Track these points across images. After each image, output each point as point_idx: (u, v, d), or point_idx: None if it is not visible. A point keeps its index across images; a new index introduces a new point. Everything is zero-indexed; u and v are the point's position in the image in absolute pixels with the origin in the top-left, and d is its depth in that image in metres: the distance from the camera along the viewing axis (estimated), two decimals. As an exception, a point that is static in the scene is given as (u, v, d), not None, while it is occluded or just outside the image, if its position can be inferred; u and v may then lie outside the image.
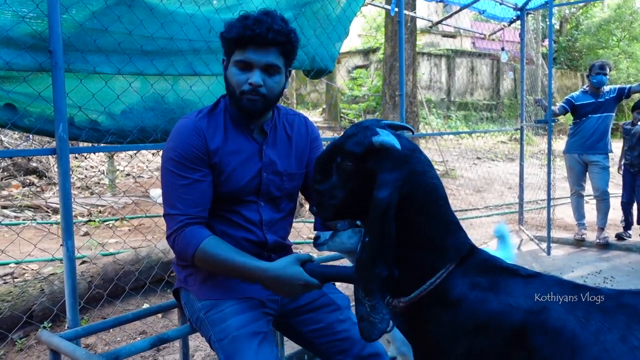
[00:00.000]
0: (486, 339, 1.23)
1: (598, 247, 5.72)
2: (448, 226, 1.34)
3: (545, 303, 1.20)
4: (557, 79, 20.08)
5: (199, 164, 1.74)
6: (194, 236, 1.70)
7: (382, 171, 1.30)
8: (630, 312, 1.14)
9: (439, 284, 1.30)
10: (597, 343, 1.12)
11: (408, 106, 9.94)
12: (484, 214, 7.69)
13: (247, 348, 1.66)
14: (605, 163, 5.69)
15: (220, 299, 1.79)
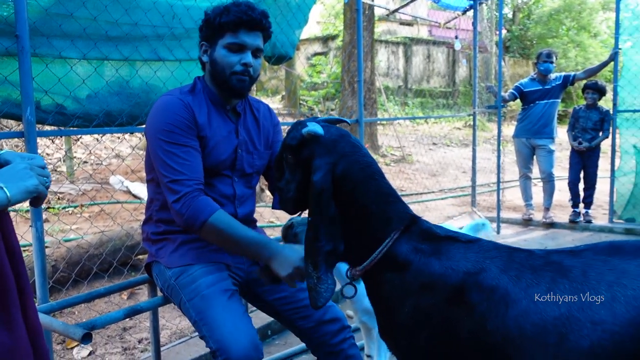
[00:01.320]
0: (430, 297, 1.39)
1: (544, 226, 6.06)
2: (387, 198, 1.51)
3: (483, 264, 1.37)
4: (509, 67, 20.66)
5: (191, 133, 1.87)
6: (207, 205, 1.79)
7: (314, 158, 1.48)
8: (556, 268, 1.32)
9: (386, 251, 1.46)
10: (526, 297, 1.29)
11: (366, 93, 10.13)
12: (439, 197, 7.97)
13: (217, 303, 1.79)
14: (551, 147, 6.01)
15: (189, 264, 1.92)
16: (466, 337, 1.34)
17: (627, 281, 1.23)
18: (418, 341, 1.42)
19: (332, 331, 1.99)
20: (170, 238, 1.97)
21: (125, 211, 5.43)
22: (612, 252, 1.31)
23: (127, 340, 3.25)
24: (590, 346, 1.20)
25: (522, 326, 1.27)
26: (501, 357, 1.30)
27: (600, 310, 1.21)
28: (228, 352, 1.70)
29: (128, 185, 6.78)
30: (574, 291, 1.26)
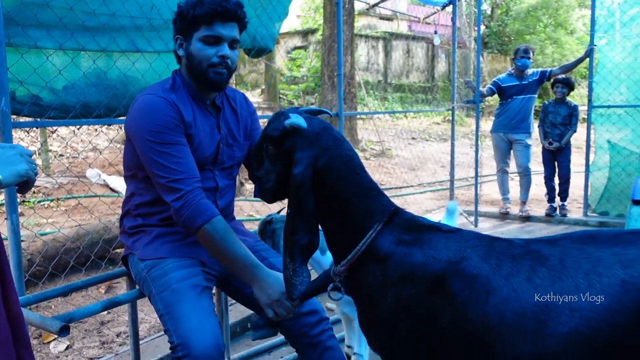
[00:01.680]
0: (412, 287, 1.41)
1: (520, 219, 6.16)
2: (369, 192, 1.52)
3: (464, 254, 1.39)
4: (488, 62, 20.88)
5: (180, 132, 1.85)
6: (208, 208, 1.78)
7: (296, 150, 1.48)
8: (535, 257, 1.35)
9: (369, 243, 1.47)
10: (507, 285, 1.32)
11: (346, 87, 10.14)
12: (417, 191, 8.03)
13: (186, 298, 1.78)
14: (528, 141, 6.10)
15: (162, 257, 1.91)
16: (447, 325, 1.36)
17: (602, 269, 1.26)
18: (400, 332, 1.43)
19: (310, 323, 2.00)
20: (147, 230, 1.96)
21: (102, 205, 5.37)
22: (587, 240, 1.34)
23: (105, 334, 3.23)
24: (568, 332, 1.24)
25: (502, 313, 1.29)
26: (482, 345, 1.33)
27: (577, 297, 1.25)
28: (189, 348, 1.68)
29: (105, 179, 6.70)
30: (552, 279, 1.29)
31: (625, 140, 6.19)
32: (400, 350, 1.47)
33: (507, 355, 1.30)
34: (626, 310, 1.20)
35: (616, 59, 6.28)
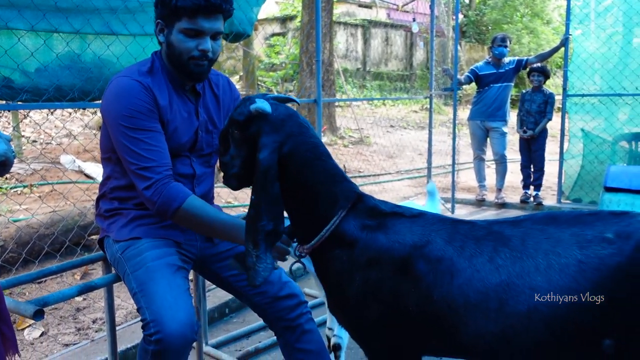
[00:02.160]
0: (378, 271, 1.43)
1: (496, 206, 6.25)
2: (333, 178, 1.53)
3: (428, 237, 1.42)
4: (465, 51, 20.99)
5: (154, 118, 1.81)
6: (180, 191, 1.76)
7: (261, 135, 1.48)
8: (497, 237, 1.38)
9: (334, 229, 1.50)
10: (470, 266, 1.35)
11: (324, 74, 10.11)
12: (395, 178, 8.09)
13: (161, 276, 1.77)
14: (504, 129, 6.18)
15: (137, 237, 1.89)
16: (414, 308, 1.39)
17: (561, 249, 1.30)
18: (368, 315, 1.46)
19: (288, 306, 2.01)
20: (123, 213, 1.94)
21: (77, 191, 5.29)
22: (549, 221, 1.38)
23: (81, 320, 3.20)
24: (527, 311, 1.28)
25: (466, 294, 1.33)
26: (447, 325, 1.36)
27: (537, 277, 1.28)
28: (162, 325, 1.66)
29: (80, 165, 6.60)
30: (513, 259, 1.32)
31: (599, 129, 6.31)
32: (369, 333, 1.50)
33: (471, 335, 1.34)
34: (583, 290, 1.25)
35: (591, 49, 6.37)
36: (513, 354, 1.34)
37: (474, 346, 1.37)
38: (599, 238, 1.29)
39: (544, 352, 1.32)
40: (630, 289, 1.23)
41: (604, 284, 1.24)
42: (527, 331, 1.29)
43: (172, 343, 1.65)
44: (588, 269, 1.26)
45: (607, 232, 1.30)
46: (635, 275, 1.23)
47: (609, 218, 1.33)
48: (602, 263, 1.25)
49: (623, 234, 1.28)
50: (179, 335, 1.66)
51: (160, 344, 1.65)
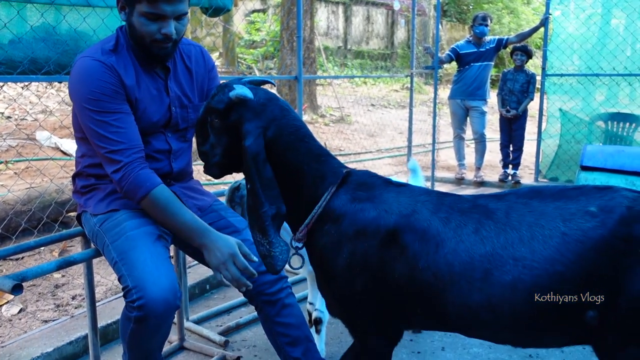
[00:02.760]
0: (365, 241, 1.45)
1: (475, 184, 6.33)
2: (319, 157, 1.54)
3: (414, 207, 1.44)
4: (447, 30, 20.97)
5: (120, 98, 1.77)
6: (147, 179, 1.74)
7: (244, 122, 1.48)
8: (482, 210, 1.40)
9: (325, 206, 1.50)
10: (455, 236, 1.37)
11: (305, 52, 10.03)
12: (376, 156, 8.11)
13: (141, 244, 1.75)
14: (484, 108, 6.22)
15: (115, 209, 1.87)
16: (400, 276, 1.40)
17: (544, 222, 1.32)
18: (355, 287, 1.47)
19: (269, 281, 2.01)
20: (100, 187, 1.92)
21: (54, 167, 5.20)
22: (532, 195, 1.40)
23: (60, 297, 3.17)
24: (511, 280, 1.30)
25: (451, 263, 1.35)
26: (432, 294, 1.38)
27: (521, 248, 1.31)
28: (144, 290, 1.64)
29: (57, 141, 6.48)
30: (498, 231, 1.35)
31: (576, 109, 6.39)
32: (357, 306, 1.51)
33: (456, 304, 1.36)
34: (566, 261, 1.27)
35: (570, 29, 6.42)
36: (498, 323, 1.37)
37: (459, 316, 1.39)
38: (582, 211, 1.32)
39: (528, 322, 1.35)
40: (612, 261, 1.26)
41: (587, 256, 1.27)
42: (511, 301, 1.32)
43: (155, 308, 1.64)
44: (571, 241, 1.29)
45: (590, 206, 1.33)
46: (618, 247, 1.26)
47: (592, 192, 1.36)
48: (585, 235, 1.28)
49: (606, 207, 1.31)
50: (162, 300, 1.65)
51: (143, 309, 1.64)
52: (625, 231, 1.26)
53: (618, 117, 6.13)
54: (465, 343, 2.69)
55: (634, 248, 1.25)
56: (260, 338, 2.72)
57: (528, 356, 2.59)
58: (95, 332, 2.21)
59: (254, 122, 1.47)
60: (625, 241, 1.26)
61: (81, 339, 2.58)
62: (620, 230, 1.26)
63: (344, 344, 2.69)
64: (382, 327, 1.53)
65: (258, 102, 1.49)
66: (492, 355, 2.59)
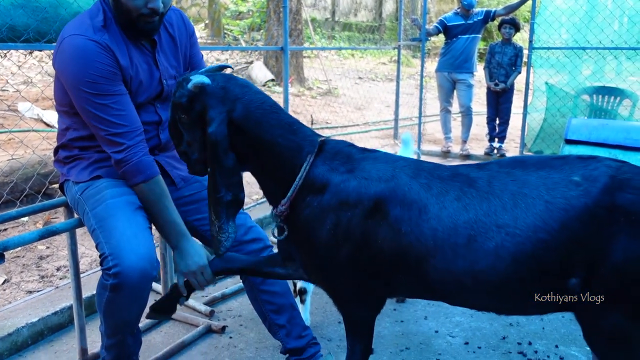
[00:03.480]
0: (349, 210, 1.45)
1: (461, 157, 6.36)
2: (291, 127, 1.54)
3: (394, 173, 1.44)
4: (435, 3, 20.76)
5: (117, 79, 1.74)
6: (148, 167, 1.77)
7: (208, 109, 1.47)
8: (463, 179, 1.41)
9: (305, 176, 1.50)
10: (438, 202, 1.38)
11: (292, 23, 9.90)
12: (363, 130, 8.10)
13: (121, 212, 1.74)
14: (471, 81, 6.21)
15: (97, 177, 1.86)
16: (383, 242, 1.41)
17: (527, 190, 1.33)
18: (339, 257, 1.48)
19: (254, 250, 2.02)
20: (84, 157, 1.89)
21: (37, 139, 5.13)
22: (515, 165, 1.41)
23: (45, 268, 3.17)
24: (494, 247, 1.32)
25: (434, 228, 1.36)
26: (416, 259, 1.39)
27: (503, 215, 1.32)
28: (121, 258, 1.64)
29: (39, 113, 6.38)
30: (480, 199, 1.35)
31: (562, 83, 6.41)
32: (341, 275, 1.52)
33: (439, 270, 1.37)
34: (549, 228, 1.29)
35: (558, 2, 6.39)
36: (480, 290, 1.38)
37: (442, 282, 1.40)
38: (566, 180, 1.33)
39: (511, 289, 1.36)
40: (596, 229, 1.28)
41: (570, 224, 1.28)
42: (494, 267, 1.33)
43: (130, 276, 1.64)
44: (555, 209, 1.30)
45: (574, 175, 1.34)
46: (601, 216, 1.27)
47: (576, 162, 1.37)
48: (568, 204, 1.29)
49: (590, 177, 1.32)
50: (138, 269, 1.65)
51: (119, 277, 1.64)
52: (609, 200, 1.28)
53: (603, 91, 6.16)
54: (447, 312, 2.74)
55: (617, 217, 1.27)
56: (246, 308, 2.74)
57: (508, 324, 2.64)
58: (79, 302, 2.21)
59: (217, 107, 1.46)
60: (609, 210, 1.27)
61: (66, 310, 2.58)
62: (604, 199, 1.28)
63: (328, 314, 2.73)
64: (365, 295, 1.55)
65: (217, 86, 1.48)
66: (473, 324, 2.64)
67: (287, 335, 2.05)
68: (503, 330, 2.59)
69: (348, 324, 1.62)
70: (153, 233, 1.88)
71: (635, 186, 1.29)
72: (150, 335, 2.55)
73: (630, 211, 1.27)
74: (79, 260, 2.21)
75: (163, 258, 2.70)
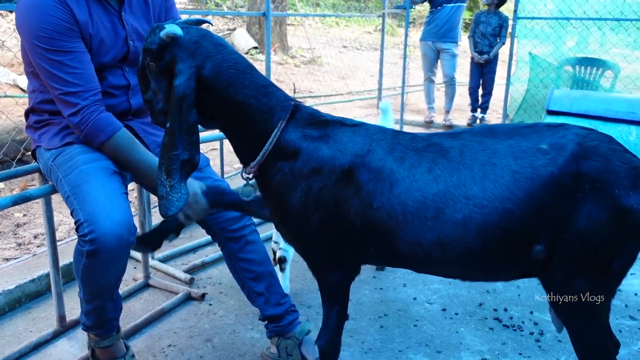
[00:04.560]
0: (320, 180, 1.44)
1: (444, 128, 6.37)
2: (265, 89, 1.49)
3: (369, 147, 1.43)
4: (421, -29, 20.52)
5: (74, 35, 1.68)
6: (109, 124, 1.71)
7: (177, 62, 1.42)
8: (437, 149, 1.40)
9: (276, 141, 1.48)
10: (409, 176, 1.38)
11: (276, -11, 9.72)
12: (346, 99, 8.06)
13: (95, 178, 1.71)
14: (455, 51, 6.18)
15: (69, 143, 1.82)
16: (354, 216, 1.42)
17: (497, 160, 1.34)
18: (310, 224, 1.48)
19: (232, 218, 2.01)
20: (54, 122, 1.85)
21: (12, 105, 5.01)
22: (487, 133, 1.41)
23: (22, 235, 3.13)
24: (463, 219, 1.33)
25: (404, 202, 1.37)
26: (386, 232, 1.40)
27: (472, 186, 1.32)
28: (96, 224, 1.61)
29: (15, 78, 6.23)
30: (451, 169, 1.36)
31: (545, 54, 6.41)
32: (313, 242, 1.52)
33: (409, 242, 1.39)
34: (515, 199, 1.30)
35: (544, -29, 6.34)
36: (448, 260, 1.40)
37: (411, 253, 1.42)
38: (533, 149, 1.33)
39: (478, 258, 1.38)
40: (561, 198, 1.29)
41: (536, 193, 1.29)
42: (462, 238, 1.34)
43: (107, 242, 1.62)
44: (521, 179, 1.30)
45: (541, 144, 1.33)
46: (567, 184, 1.28)
47: (544, 130, 1.37)
48: (535, 173, 1.30)
49: (557, 145, 1.32)
50: (115, 235, 1.63)
51: (95, 243, 1.62)
52: (574, 168, 1.28)
53: (586, 62, 6.17)
54: (426, 280, 2.78)
55: (582, 184, 1.28)
56: (226, 276, 2.75)
57: (485, 291, 2.69)
58: (57, 269, 2.19)
59: (187, 61, 1.41)
60: (574, 178, 1.28)
61: (44, 277, 2.56)
62: (570, 166, 1.28)
63: (308, 281, 2.74)
64: (339, 262, 1.56)
65: (190, 40, 1.43)
66: (451, 291, 2.68)
67: (265, 302, 2.06)
68: (480, 297, 2.63)
69: (322, 289, 1.63)
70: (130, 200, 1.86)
71: (601, 154, 1.30)
72: (130, 303, 2.55)
73: (594, 178, 1.28)
74: (55, 227, 2.18)
75: (142, 225, 2.68)
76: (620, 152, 1.32)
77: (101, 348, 1.95)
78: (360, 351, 2.20)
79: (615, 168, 1.29)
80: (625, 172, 1.29)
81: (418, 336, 2.31)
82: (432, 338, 2.30)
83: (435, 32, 6.14)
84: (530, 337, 2.31)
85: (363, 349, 2.21)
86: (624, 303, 2.59)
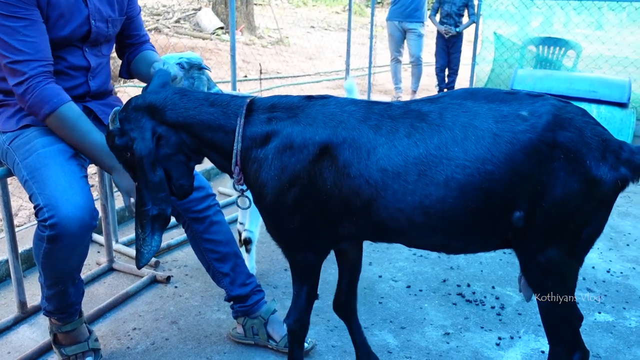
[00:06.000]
0: (293, 155, 1.44)
1: (410, 108, 6.40)
2: (212, 104, 1.53)
3: (341, 118, 1.43)
4: (389, -49, 20.44)
5: (30, 3, 1.63)
6: (55, 95, 1.65)
7: (132, 137, 1.49)
8: (415, 115, 1.41)
9: (243, 138, 1.50)
10: (387, 142, 1.38)
11: (242, -32, 9.55)
12: (314, 80, 8.02)
13: (54, 162, 1.68)
14: (421, 31, 6.20)
15: (26, 125, 1.77)
16: (332, 187, 1.41)
17: (477, 122, 1.35)
18: (286, 202, 1.47)
19: (196, 198, 1.99)
20: (10, 103, 1.79)
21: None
22: (467, 96, 1.42)
23: (-21, 222, 3.04)
24: (444, 180, 1.34)
25: (384, 168, 1.37)
26: (365, 201, 1.40)
27: (453, 148, 1.34)
28: (57, 209, 1.59)
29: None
30: (431, 132, 1.37)
31: (510, 34, 6.48)
32: (289, 221, 1.52)
33: (390, 208, 1.39)
34: (496, 160, 1.32)
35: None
36: (430, 226, 1.40)
37: (392, 220, 1.41)
38: (514, 115, 1.36)
39: (460, 223, 1.39)
40: (538, 164, 1.32)
41: (515, 157, 1.32)
42: (444, 200, 1.35)
43: (68, 227, 1.60)
44: (502, 142, 1.33)
45: (522, 110, 1.36)
46: (544, 152, 1.31)
47: (525, 98, 1.40)
48: (515, 137, 1.32)
49: (536, 113, 1.35)
50: (76, 219, 1.61)
51: (56, 228, 1.59)
52: (551, 137, 1.32)
53: (549, 42, 6.27)
54: (391, 258, 2.81)
55: (557, 153, 1.32)
56: (191, 258, 2.73)
57: (449, 268, 2.74)
58: (15, 254, 2.15)
59: (135, 131, 1.49)
60: (550, 147, 1.32)
61: (3, 263, 2.51)
62: (547, 135, 1.32)
63: (275, 262, 2.75)
64: (313, 241, 1.56)
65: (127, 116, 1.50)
66: (416, 269, 2.73)
67: (231, 283, 2.06)
68: (444, 274, 2.68)
69: (294, 269, 1.63)
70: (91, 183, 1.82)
71: (576, 126, 1.34)
72: (93, 287, 2.52)
73: (569, 149, 1.32)
74: (14, 212, 2.13)
75: (104, 209, 2.64)
76: (592, 124, 1.36)
77: (63, 333, 1.93)
78: (326, 329, 2.22)
79: (588, 140, 1.33)
80: (596, 144, 1.33)
81: (383, 313, 2.35)
82: (396, 314, 2.34)
83: (402, 12, 6.14)
84: (491, 311, 2.38)
85: (329, 327, 2.24)
86: (581, 276, 2.67)
